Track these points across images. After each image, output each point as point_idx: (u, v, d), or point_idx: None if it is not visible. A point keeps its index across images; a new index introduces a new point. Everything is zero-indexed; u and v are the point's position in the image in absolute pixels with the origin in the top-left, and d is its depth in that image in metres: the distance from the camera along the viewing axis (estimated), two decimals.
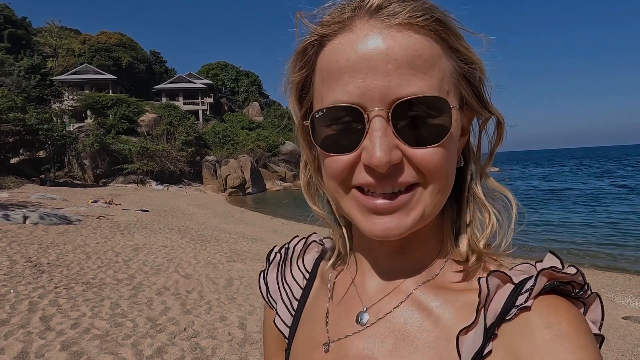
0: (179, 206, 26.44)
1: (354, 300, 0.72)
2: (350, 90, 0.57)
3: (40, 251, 9.39)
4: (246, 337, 5.15)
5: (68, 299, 6.23)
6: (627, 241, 14.94)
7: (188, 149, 45.90)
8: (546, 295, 0.56)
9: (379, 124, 0.56)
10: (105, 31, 59.00)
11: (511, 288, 0.57)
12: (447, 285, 0.65)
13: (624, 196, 30.15)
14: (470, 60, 0.61)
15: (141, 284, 7.32)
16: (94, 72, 52.06)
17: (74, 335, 4.83)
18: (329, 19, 0.61)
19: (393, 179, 0.58)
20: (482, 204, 0.67)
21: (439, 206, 0.62)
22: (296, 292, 0.83)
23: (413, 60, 0.56)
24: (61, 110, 42.94)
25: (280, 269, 0.87)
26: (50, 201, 21.93)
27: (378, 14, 0.58)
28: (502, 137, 0.68)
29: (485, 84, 0.64)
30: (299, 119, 0.70)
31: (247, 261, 9.97)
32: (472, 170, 0.69)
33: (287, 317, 0.82)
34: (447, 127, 0.58)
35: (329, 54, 0.60)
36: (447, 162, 0.59)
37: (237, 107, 65.91)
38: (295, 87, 0.68)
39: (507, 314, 0.55)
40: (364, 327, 0.68)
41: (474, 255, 0.65)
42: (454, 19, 0.61)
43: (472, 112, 0.65)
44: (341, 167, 0.60)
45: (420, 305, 0.65)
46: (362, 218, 0.61)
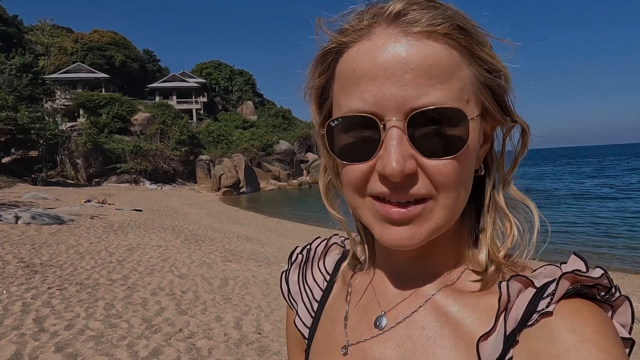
0: (173, 206, 26.35)
1: (373, 304, 0.72)
2: (366, 98, 0.57)
3: (32, 251, 9.30)
4: (242, 337, 5.13)
5: (62, 299, 6.17)
6: (617, 240, 15.05)
7: (182, 148, 45.74)
8: (570, 299, 0.54)
9: (395, 134, 0.55)
10: (97, 30, 58.62)
11: (533, 292, 0.55)
12: (467, 290, 0.64)
13: (614, 196, 30.39)
14: (494, 68, 0.60)
15: (135, 284, 7.27)
16: (87, 70, 51.71)
17: (68, 337, 4.78)
18: (348, 26, 0.60)
19: (407, 189, 0.57)
20: (504, 213, 0.65)
21: (453, 217, 0.62)
22: (316, 294, 0.84)
23: (431, 70, 0.55)
24: (53, 109, 42.55)
25: (302, 270, 0.88)
26: (42, 201, 21.76)
27: (397, 22, 0.57)
28: (526, 145, 0.66)
29: (509, 92, 0.63)
30: (318, 124, 0.70)
31: (241, 261, 9.94)
32: (495, 178, 0.67)
33: (307, 318, 0.83)
34: (464, 139, 0.57)
35: (347, 61, 0.60)
36: (462, 174, 0.59)
37: (231, 106, 65.73)
38: (315, 92, 0.68)
39: (528, 319, 0.54)
40: (382, 331, 0.68)
41: (493, 265, 0.63)
42: (477, 26, 0.59)
43: (493, 120, 0.64)
44: (357, 176, 0.60)
45: (439, 310, 0.64)
46: (378, 226, 0.61)
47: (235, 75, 69.11)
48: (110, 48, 56.64)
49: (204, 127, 52.52)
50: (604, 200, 28.07)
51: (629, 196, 29.41)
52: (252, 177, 44.98)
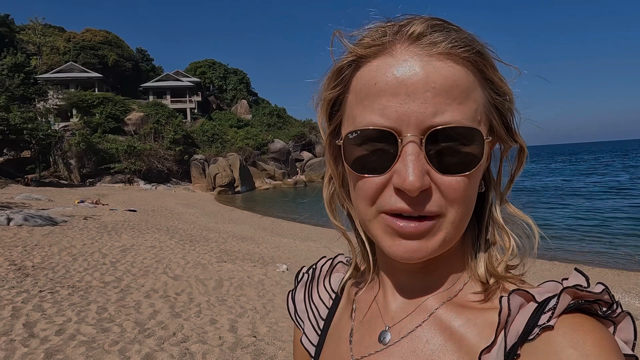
0: (168, 206, 26.21)
1: (377, 319, 0.73)
2: (387, 113, 0.58)
3: (24, 254, 9.16)
4: (237, 341, 5.03)
5: (53, 303, 6.06)
6: (614, 237, 15.10)
7: (176, 148, 45.54)
8: (571, 314, 0.54)
9: (413, 149, 0.57)
10: (90, 29, 58.25)
11: (534, 307, 0.55)
12: (469, 305, 0.64)
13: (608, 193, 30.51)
14: (503, 91, 0.62)
15: (129, 287, 7.16)
16: (79, 70, 51.37)
17: (58, 342, 4.67)
18: (369, 40, 0.61)
19: (422, 205, 0.58)
20: (502, 229, 0.67)
21: (459, 232, 0.63)
22: (322, 312, 0.85)
23: (450, 90, 0.57)
24: (46, 109, 42.22)
25: (308, 289, 0.90)
26: (35, 202, 21.55)
27: (419, 42, 0.59)
28: (522, 164, 0.68)
29: (513, 114, 0.65)
30: (326, 135, 0.71)
31: (237, 261, 9.85)
32: (492, 195, 0.69)
33: (314, 336, 0.84)
34: (478, 157, 0.59)
35: (367, 75, 0.61)
36: (471, 191, 0.61)
37: (226, 105, 65.46)
38: (326, 104, 0.68)
39: (529, 334, 0.54)
40: (386, 346, 0.69)
41: (492, 279, 0.65)
42: (490, 50, 0.62)
43: (498, 140, 0.66)
44: (372, 189, 0.61)
45: (442, 324, 0.64)
46: (388, 239, 0.61)
47: (230, 74, 68.84)
48: (103, 47, 56.28)
49: (199, 127, 52.29)
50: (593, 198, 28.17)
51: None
52: (247, 176, 44.83)
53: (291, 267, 9.43)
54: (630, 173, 47.88)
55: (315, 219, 20.76)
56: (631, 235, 15.39)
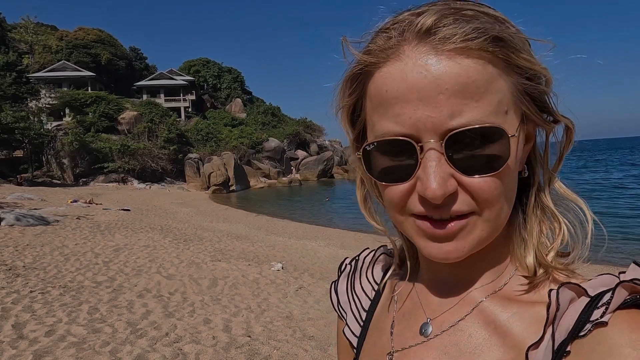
0: (162, 205, 26.08)
1: (418, 312, 0.72)
2: (401, 121, 0.56)
3: (15, 254, 9.04)
4: (231, 340, 4.95)
5: (44, 303, 5.95)
6: (626, 235, 14.88)
7: (170, 147, 45.38)
8: (627, 310, 0.50)
9: (433, 156, 0.55)
10: (83, 27, 57.87)
11: (586, 302, 0.52)
12: (516, 298, 0.61)
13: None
14: (533, 73, 0.57)
15: (122, 286, 7.06)
16: (72, 69, 51.03)
17: (48, 344, 4.57)
18: (375, 46, 0.58)
19: (448, 208, 0.56)
20: (552, 214, 0.63)
21: (497, 230, 0.60)
22: (365, 303, 0.84)
23: (465, 89, 0.53)
24: (38, 108, 41.91)
25: (350, 280, 0.89)
26: (27, 202, 21.35)
27: (428, 39, 0.55)
28: (571, 141, 0.64)
29: (550, 94, 0.60)
30: (352, 140, 0.70)
31: (231, 260, 9.76)
32: (539, 178, 0.65)
33: (356, 327, 0.84)
34: (504, 156, 0.55)
35: (378, 82, 0.58)
36: (504, 189, 0.57)
37: (220, 104, 65.22)
38: (346, 111, 0.67)
39: (580, 330, 0.51)
40: (427, 338, 0.68)
41: (542, 269, 0.61)
42: (515, 30, 0.57)
43: (534, 126, 0.62)
44: (398, 197, 0.59)
45: (487, 318, 0.62)
46: (422, 241, 0.60)
47: (224, 72, 68.58)
48: (96, 46, 55.94)
49: (193, 125, 52.09)
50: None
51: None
52: (241, 175, 44.71)
53: (286, 266, 9.36)
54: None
55: (311, 218, 20.72)
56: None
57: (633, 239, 14.09)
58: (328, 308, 5.95)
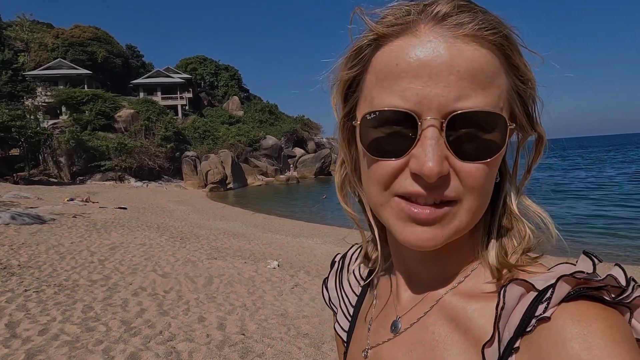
0: (159, 203, 26.02)
1: (391, 308, 0.74)
2: (407, 96, 0.55)
3: (10, 252, 9.00)
4: (225, 338, 4.95)
5: (38, 302, 5.93)
6: (609, 230, 15.06)
7: (167, 145, 45.23)
8: (573, 302, 0.51)
9: (433, 133, 0.55)
10: (79, 25, 57.55)
11: (533, 296, 0.53)
12: (478, 294, 0.62)
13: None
14: (527, 78, 0.60)
15: (117, 285, 7.05)
16: (68, 67, 50.78)
17: (41, 343, 4.55)
18: (392, 19, 0.58)
19: (438, 191, 0.57)
20: (517, 219, 0.65)
21: (474, 221, 0.61)
22: (352, 299, 0.87)
23: (475, 75, 0.54)
24: (34, 106, 41.74)
25: (338, 277, 0.91)
26: (23, 200, 21.27)
27: (444, 22, 0.56)
28: (540, 154, 0.66)
29: (535, 101, 0.63)
30: (340, 117, 0.69)
31: (227, 258, 9.75)
32: (507, 184, 0.67)
33: (345, 323, 0.87)
34: (500, 144, 0.57)
35: (388, 55, 0.58)
36: (490, 179, 0.59)
37: (217, 101, 65.04)
38: (343, 84, 0.66)
39: (527, 326, 0.52)
40: (396, 335, 0.70)
41: (504, 269, 0.61)
42: (516, 34, 0.59)
43: (518, 129, 0.64)
44: (387, 173, 0.59)
45: (449, 314, 0.63)
46: (400, 225, 0.60)
47: (221, 70, 68.39)
48: (92, 44, 55.64)
49: (190, 123, 51.95)
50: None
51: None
52: (239, 172, 44.64)
53: (282, 264, 9.35)
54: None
55: (308, 216, 20.71)
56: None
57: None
58: (323, 306, 5.95)
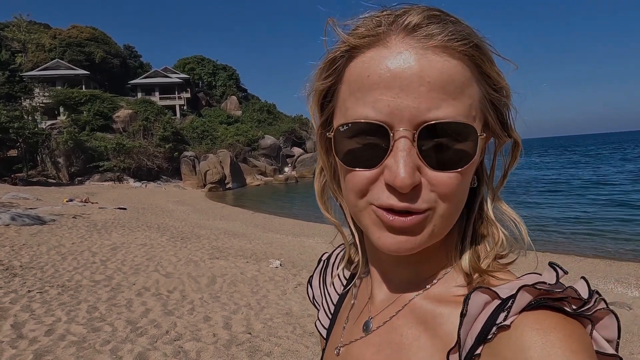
0: (158, 203, 25.98)
1: (366, 308, 0.75)
2: (379, 107, 0.56)
3: (12, 253, 8.98)
4: (232, 338, 4.95)
5: (42, 303, 5.92)
6: (605, 228, 15.20)
7: (166, 145, 45.16)
8: (533, 312, 0.52)
9: (404, 145, 0.55)
10: (76, 25, 57.39)
11: (496, 305, 0.54)
12: (448, 299, 0.63)
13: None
14: (500, 86, 0.61)
15: (120, 285, 7.04)
16: (66, 67, 50.64)
17: (48, 343, 4.54)
18: (363, 30, 0.59)
19: (412, 200, 0.56)
20: (492, 224, 0.66)
21: (448, 226, 0.62)
22: (334, 297, 0.89)
23: (445, 85, 0.55)
24: (32, 107, 41.60)
25: (322, 276, 0.94)
26: (22, 201, 21.22)
27: (415, 34, 0.56)
28: (516, 159, 0.67)
29: (509, 109, 0.64)
30: (318, 126, 0.70)
31: (229, 258, 9.75)
32: (484, 190, 0.68)
33: (325, 320, 0.89)
34: (472, 154, 0.57)
35: (360, 67, 0.59)
36: (463, 187, 0.60)
37: (215, 101, 64.95)
38: (318, 94, 0.67)
39: (488, 333, 0.53)
40: (367, 334, 0.71)
41: (476, 273, 0.63)
42: (488, 44, 0.60)
43: (492, 135, 0.65)
44: (361, 183, 0.59)
45: (419, 317, 0.64)
46: (377, 232, 0.60)
47: (219, 70, 68.29)
48: (90, 44, 55.50)
49: (188, 123, 51.87)
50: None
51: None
52: (238, 172, 44.60)
53: (284, 263, 9.36)
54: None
55: (307, 215, 20.70)
56: (620, 223, 15.51)
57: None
58: None
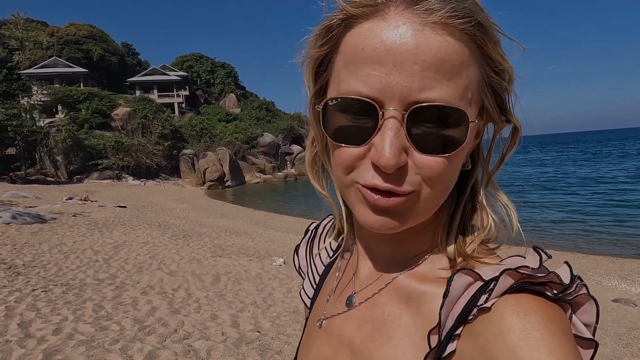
0: (158, 201, 25.93)
1: (350, 283, 0.75)
2: (370, 83, 0.54)
3: (14, 252, 8.94)
4: (241, 336, 4.93)
5: (47, 302, 5.89)
6: (606, 225, 15.23)
7: (164, 143, 45.08)
8: (515, 294, 0.52)
9: (393, 124, 0.54)
10: (74, 23, 57.14)
11: (478, 286, 0.54)
12: (431, 279, 0.63)
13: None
14: (502, 68, 0.58)
15: (124, 283, 7.01)
16: (64, 65, 50.44)
17: (56, 342, 4.51)
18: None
19: (397, 181, 0.56)
20: (482, 208, 0.65)
21: (433, 209, 0.61)
22: (319, 268, 0.88)
23: (441, 65, 0.52)
24: (30, 105, 41.45)
25: (309, 246, 0.93)
26: (22, 199, 21.16)
27: (415, 7, 0.53)
28: (516, 144, 0.65)
29: (510, 93, 0.61)
30: (311, 96, 0.67)
31: (232, 255, 9.73)
32: (478, 173, 0.67)
33: (310, 290, 0.88)
34: (461, 140, 0.56)
35: (355, 38, 0.56)
36: (450, 171, 0.58)
37: (214, 99, 64.78)
38: (313, 62, 0.64)
39: (468, 314, 0.53)
40: (349, 309, 0.71)
41: (460, 257, 0.62)
42: (494, 23, 0.57)
43: (490, 120, 0.63)
44: (349, 159, 0.58)
45: (401, 295, 0.64)
46: (361, 209, 0.60)
47: (217, 67, 68.09)
48: (88, 42, 55.27)
49: (187, 121, 51.78)
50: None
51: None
52: (237, 170, 44.57)
53: (288, 261, 9.34)
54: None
55: (307, 213, 20.69)
56: (622, 221, 15.55)
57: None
58: None
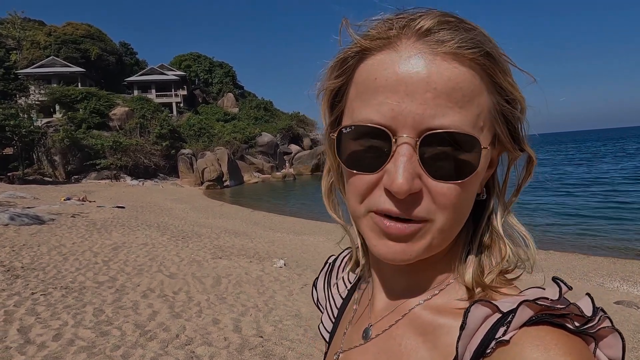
0: (156, 201, 25.83)
1: (367, 315, 0.75)
2: (383, 111, 0.56)
3: (12, 254, 8.86)
4: (244, 341, 4.87)
5: (47, 306, 5.83)
6: (607, 226, 15.21)
7: (163, 143, 44.94)
8: (535, 327, 0.51)
9: (406, 151, 0.55)
10: (71, 22, 56.94)
11: (496, 319, 0.53)
12: (449, 310, 0.62)
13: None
14: (512, 97, 0.59)
15: (124, 286, 6.95)
16: (61, 64, 50.22)
17: (57, 349, 4.45)
18: (375, 32, 0.59)
19: (410, 208, 0.56)
20: (499, 238, 0.64)
21: (448, 239, 0.61)
22: (337, 301, 0.88)
23: (452, 93, 0.54)
24: (28, 105, 41.17)
25: (327, 279, 0.93)
26: (20, 200, 21.03)
27: (426, 38, 0.56)
28: (531, 174, 0.66)
29: (522, 122, 0.62)
30: (327, 126, 0.69)
31: (232, 257, 9.67)
32: (494, 203, 0.67)
33: (329, 324, 0.88)
34: (474, 166, 0.57)
35: (369, 69, 0.59)
36: (465, 199, 0.59)
37: (212, 98, 64.61)
38: (329, 94, 0.66)
39: (487, 347, 0.52)
40: (365, 342, 0.71)
41: (478, 288, 0.61)
42: (502, 53, 0.59)
43: (502, 149, 0.64)
44: (363, 186, 0.59)
45: (418, 327, 0.63)
46: (374, 238, 0.60)
47: (215, 67, 67.90)
48: (85, 41, 55.06)
49: (185, 121, 51.64)
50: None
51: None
52: (235, 170, 44.45)
53: (288, 263, 9.28)
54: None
55: (307, 213, 20.64)
56: (622, 221, 15.53)
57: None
58: None
